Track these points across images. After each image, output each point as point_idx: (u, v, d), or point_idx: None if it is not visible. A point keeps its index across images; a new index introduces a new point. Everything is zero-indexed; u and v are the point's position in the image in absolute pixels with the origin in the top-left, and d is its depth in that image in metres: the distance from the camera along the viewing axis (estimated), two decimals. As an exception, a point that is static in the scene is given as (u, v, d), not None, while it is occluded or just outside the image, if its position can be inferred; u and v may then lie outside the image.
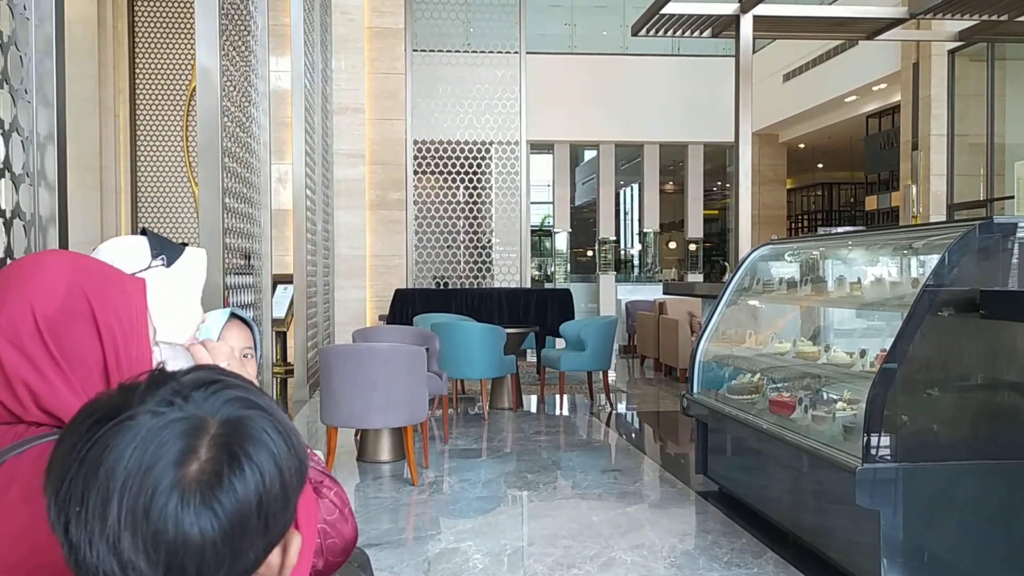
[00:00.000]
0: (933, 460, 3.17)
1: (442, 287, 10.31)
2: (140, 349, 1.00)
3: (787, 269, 4.85)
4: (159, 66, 10.38)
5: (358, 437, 5.69)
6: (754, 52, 6.63)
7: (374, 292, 10.14)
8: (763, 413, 4.20)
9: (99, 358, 0.96)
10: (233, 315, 1.99)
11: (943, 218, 10.25)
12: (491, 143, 10.59)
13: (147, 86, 10.42)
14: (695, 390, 4.91)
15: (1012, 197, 8.84)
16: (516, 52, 10.40)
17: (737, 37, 6.36)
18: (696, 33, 6.82)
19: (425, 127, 10.46)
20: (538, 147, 14.28)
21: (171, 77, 10.36)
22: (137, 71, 10.47)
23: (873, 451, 3.13)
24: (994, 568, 3.14)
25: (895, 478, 3.11)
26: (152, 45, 10.37)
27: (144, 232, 1.40)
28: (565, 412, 7.60)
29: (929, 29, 8.81)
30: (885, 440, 3.14)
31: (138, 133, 10.56)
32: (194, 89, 4.53)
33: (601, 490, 4.85)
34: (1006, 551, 3.13)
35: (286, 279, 8.16)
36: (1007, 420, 3.21)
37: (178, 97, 10.12)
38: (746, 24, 6.31)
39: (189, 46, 9.61)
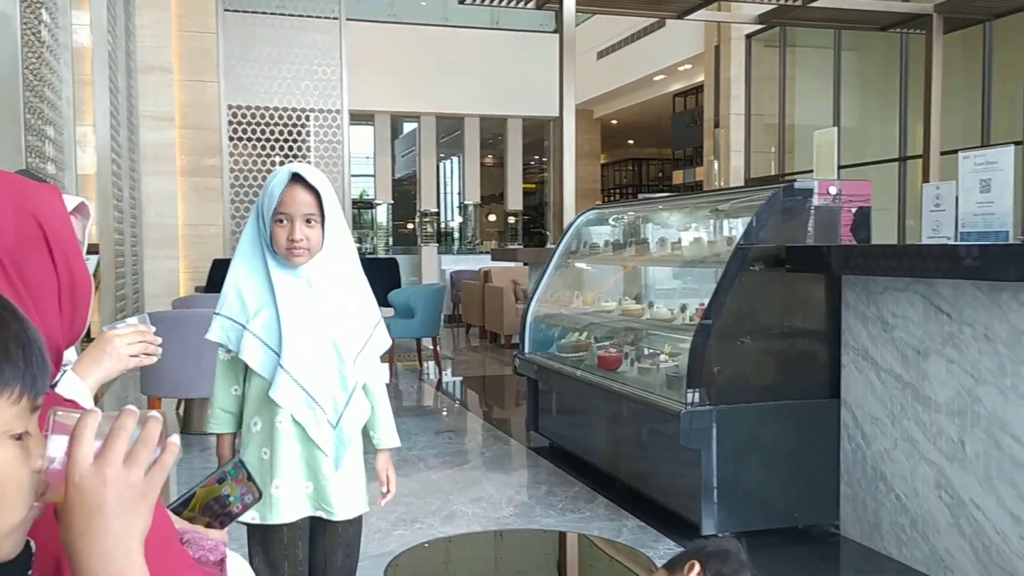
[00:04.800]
0: (746, 402, 3.47)
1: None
2: (83, 270, 0.91)
3: (611, 233, 5.10)
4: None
5: (180, 410, 5.45)
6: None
7: (188, 263, 9.65)
8: (592, 369, 4.41)
9: (55, 286, 0.89)
10: (295, 177, 1.83)
11: (742, 191, 11.03)
12: (310, 111, 10.31)
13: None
14: (526, 350, 5.08)
15: (809, 171, 9.66)
16: (336, 18, 10.15)
17: (560, 9, 6.55)
18: (520, 4, 6.97)
19: (240, 91, 10.02)
20: (358, 117, 14.03)
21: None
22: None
23: (694, 396, 3.40)
24: (797, 499, 3.49)
25: (714, 420, 3.38)
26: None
27: None
28: (395, 379, 7.61)
29: (729, 12, 9.46)
30: (705, 386, 3.41)
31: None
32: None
33: (437, 450, 4.92)
34: (805, 483, 3.49)
35: (91, 248, 7.61)
36: (807, 363, 3.56)
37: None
38: (569, -3, 6.51)
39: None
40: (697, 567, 1.55)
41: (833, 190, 3.59)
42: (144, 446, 0.77)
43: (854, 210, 3.67)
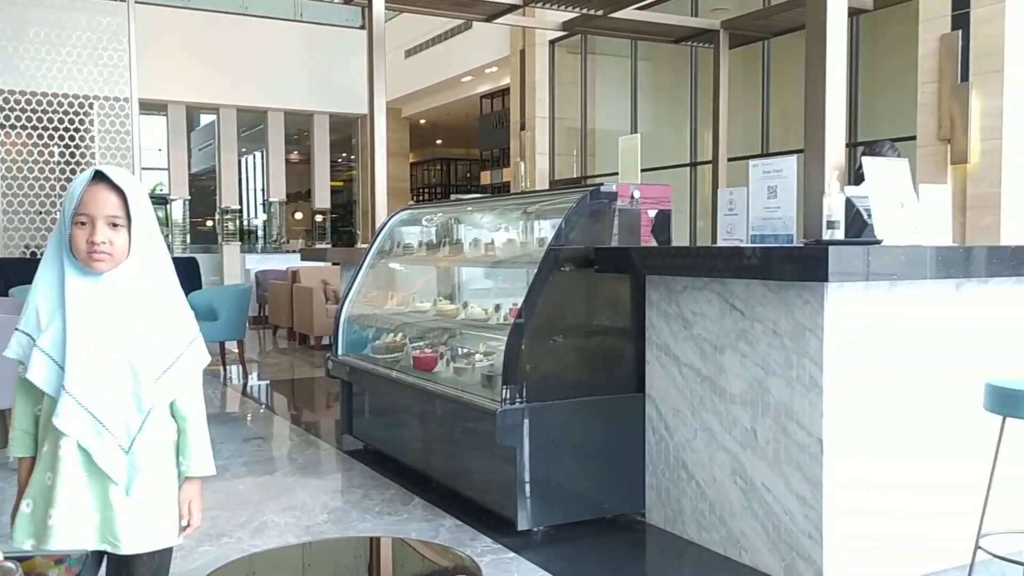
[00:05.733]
0: (557, 399, 3.56)
1: (39, 257, 9.13)
2: None
3: (425, 232, 5.09)
4: None
5: (-55, 429, 4.87)
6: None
7: (-49, 264, 8.67)
8: (407, 369, 4.38)
9: None
10: (99, 175, 1.71)
11: (547, 192, 11.36)
12: (94, 98, 9.54)
13: None
14: (339, 352, 4.96)
15: (610, 174, 10.09)
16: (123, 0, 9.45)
17: (369, 5, 6.45)
18: (328, -2, 6.81)
19: (12, 75, 9.10)
20: (149, 107, 13.16)
21: None
22: None
23: (509, 394, 3.45)
24: (606, 491, 3.63)
25: (528, 417, 3.45)
26: None
27: None
28: (195, 386, 7.21)
29: (534, 17, 9.69)
30: (520, 384, 3.47)
31: None
32: None
33: (245, 459, 4.71)
34: (614, 475, 3.64)
35: None
36: (615, 359, 3.71)
37: None
38: (378, -7, 6.42)
39: None
40: None
41: (636, 194, 3.76)
42: None
43: (653, 212, 3.87)
